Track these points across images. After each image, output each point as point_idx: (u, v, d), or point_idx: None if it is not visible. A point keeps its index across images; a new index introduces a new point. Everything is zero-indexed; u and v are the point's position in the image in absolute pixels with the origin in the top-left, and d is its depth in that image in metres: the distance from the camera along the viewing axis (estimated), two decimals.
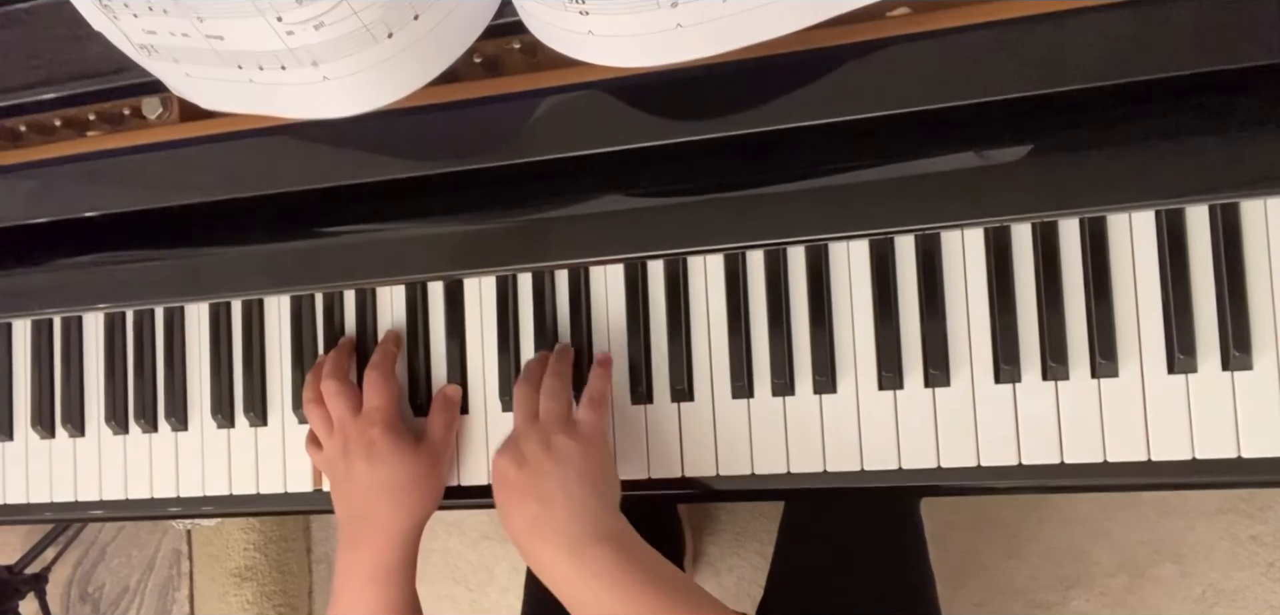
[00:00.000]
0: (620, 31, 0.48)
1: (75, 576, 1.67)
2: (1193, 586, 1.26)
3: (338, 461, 0.66)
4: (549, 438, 0.60)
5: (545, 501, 0.58)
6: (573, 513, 0.58)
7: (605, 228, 0.61)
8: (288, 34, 0.48)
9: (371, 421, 0.65)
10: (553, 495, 0.58)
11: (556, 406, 0.62)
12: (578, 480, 0.59)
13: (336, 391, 0.67)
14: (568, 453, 0.59)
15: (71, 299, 0.72)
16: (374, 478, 0.64)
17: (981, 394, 0.62)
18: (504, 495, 0.60)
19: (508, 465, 0.60)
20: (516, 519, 0.59)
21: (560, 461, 0.59)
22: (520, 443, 0.61)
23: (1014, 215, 0.58)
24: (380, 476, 0.64)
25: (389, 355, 0.69)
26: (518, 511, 0.59)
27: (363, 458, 0.65)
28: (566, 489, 0.58)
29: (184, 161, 0.62)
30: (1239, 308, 0.57)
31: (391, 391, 0.67)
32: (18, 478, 0.81)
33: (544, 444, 0.60)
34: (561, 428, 0.61)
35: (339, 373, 0.68)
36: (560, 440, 0.60)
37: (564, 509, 0.58)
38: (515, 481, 0.59)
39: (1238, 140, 0.53)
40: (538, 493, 0.58)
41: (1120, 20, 0.50)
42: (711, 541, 1.41)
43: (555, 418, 0.62)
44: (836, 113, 0.53)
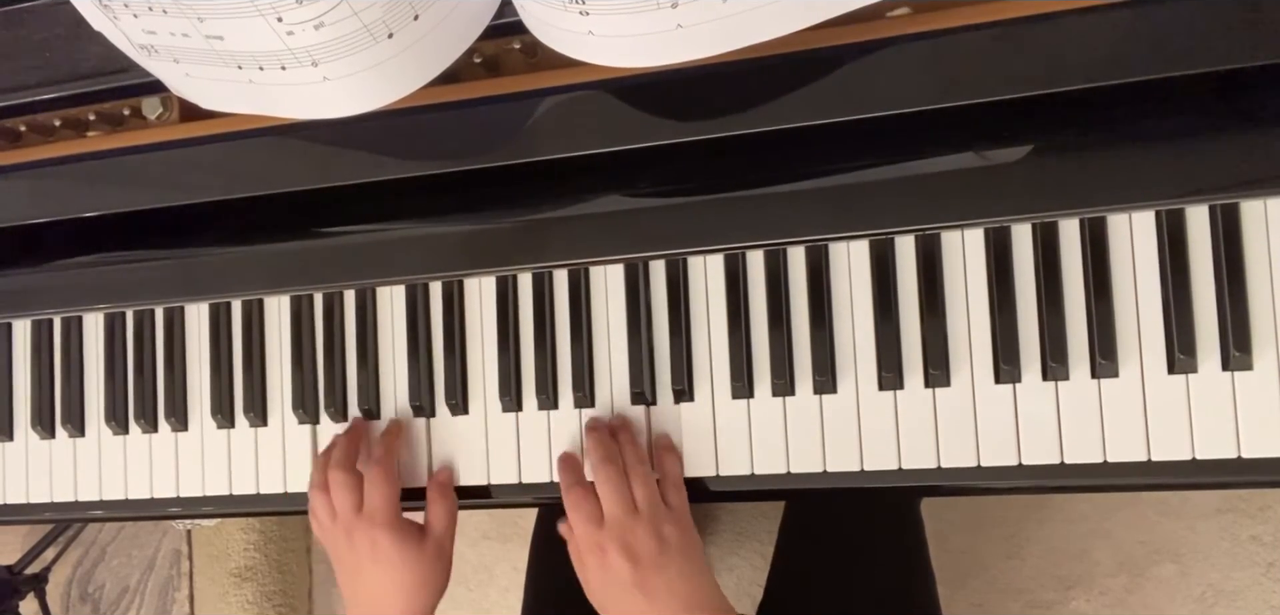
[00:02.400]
0: (620, 31, 0.48)
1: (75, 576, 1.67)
2: (1193, 586, 1.26)
3: (345, 555, 0.67)
4: (660, 530, 0.61)
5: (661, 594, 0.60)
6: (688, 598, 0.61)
7: (605, 228, 0.61)
8: (288, 34, 0.48)
9: (374, 522, 0.65)
10: (672, 586, 0.60)
11: (654, 494, 0.63)
12: (686, 564, 0.61)
13: (342, 484, 0.66)
14: (679, 544, 0.61)
15: (71, 299, 0.72)
16: (383, 579, 0.66)
17: (981, 394, 0.62)
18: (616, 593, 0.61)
19: (622, 562, 0.60)
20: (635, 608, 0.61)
21: (676, 553, 0.61)
22: (628, 537, 0.61)
23: (1014, 215, 0.58)
24: (389, 578, 0.65)
25: (391, 451, 0.69)
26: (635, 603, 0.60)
27: (370, 559, 0.66)
28: (682, 574, 0.61)
29: (184, 161, 0.62)
30: (1239, 308, 0.57)
31: (393, 491, 0.67)
32: (18, 478, 0.81)
33: (656, 538, 0.61)
34: (666, 518, 0.62)
35: (347, 464, 0.68)
36: (670, 532, 0.61)
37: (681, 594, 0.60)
38: (630, 581, 0.60)
39: (1238, 140, 0.53)
40: (654, 586, 0.60)
41: (1120, 20, 0.50)
42: (711, 541, 1.41)
43: (657, 507, 0.62)
44: (836, 113, 0.53)
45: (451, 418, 0.71)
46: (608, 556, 0.61)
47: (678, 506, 0.63)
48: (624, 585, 0.60)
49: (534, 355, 0.69)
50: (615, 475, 0.63)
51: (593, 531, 0.62)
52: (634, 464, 0.64)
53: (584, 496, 0.63)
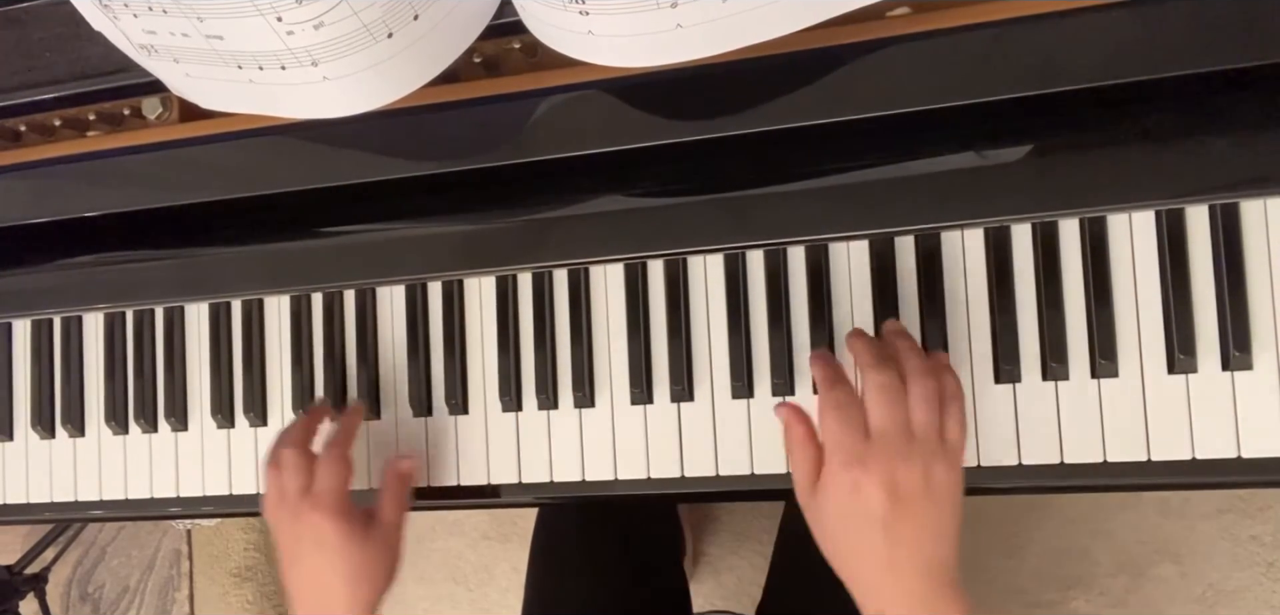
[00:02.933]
0: (620, 31, 0.48)
1: (75, 576, 1.67)
2: (1193, 586, 1.26)
3: (288, 539, 0.64)
4: (930, 468, 0.51)
5: (911, 543, 0.50)
6: (936, 561, 0.51)
7: (605, 228, 0.61)
8: (288, 34, 0.48)
9: (318, 505, 0.62)
10: (923, 538, 0.51)
11: (935, 420, 0.52)
12: (949, 523, 0.52)
13: (292, 464, 0.63)
14: (945, 492, 0.51)
15: (71, 299, 0.73)
16: (324, 566, 0.62)
17: (981, 394, 0.62)
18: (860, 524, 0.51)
19: (875, 488, 0.50)
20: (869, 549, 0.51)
21: (935, 501, 0.51)
22: (895, 466, 0.50)
23: (1014, 215, 0.58)
24: (331, 564, 0.62)
25: (349, 433, 0.66)
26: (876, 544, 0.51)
27: (312, 544, 0.62)
28: (937, 531, 0.51)
29: (184, 161, 0.62)
30: (1239, 308, 0.57)
31: (342, 474, 0.64)
32: (18, 478, 0.81)
33: (925, 476, 0.50)
34: (940, 456, 0.51)
35: (300, 443, 0.65)
36: (942, 474, 0.51)
37: (930, 555, 0.51)
38: (883, 514, 0.50)
39: (1238, 140, 0.53)
40: (908, 536, 0.50)
41: (1120, 20, 0.50)
42: (711, 541, 1.41)
43: (936, 437, 0.52)
44: (836, 113, 0.53)
45: (451, 418, 0.71)
46: (862, 482, 0.50)
47: (954, 442, 0.53)
48: (869, 520, 0.50)
49: (534, 355, 0.69)
50: (893, 384, 0.52)
51: (856, 444, 0.51)
52: (918, 375, 0.53)
53: (851, 398, 0.53)
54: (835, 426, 0.53)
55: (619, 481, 0.67)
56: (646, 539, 0.94)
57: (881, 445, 0.51)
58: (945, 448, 0.52)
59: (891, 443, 0.51)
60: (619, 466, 0.67)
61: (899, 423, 0.52)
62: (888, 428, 0.52)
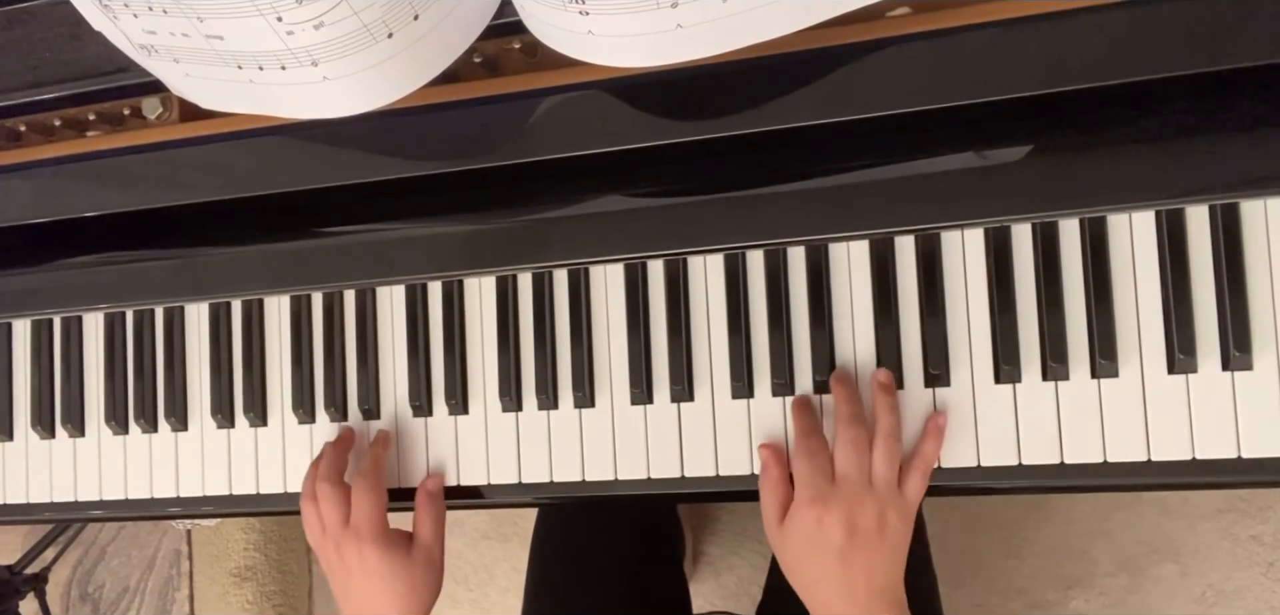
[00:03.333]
0: (620, 31, 0.48)
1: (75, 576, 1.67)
2: (1193, 586, 1.26)
3: (336, 566, 0.68)
4: (885, 513, 0.58)
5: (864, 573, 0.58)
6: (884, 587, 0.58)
7: (605, 228, 0.61)
8: (288, 34, 0.48)
9: (360, 536, 0.65)
10: (874, 569, 0.58)
11: (892, 474, 0.60)
12: (896, 557, 0.59)
13: (329, 497, 0.67)
14: (896, 535, 0.59)
15: (71, 299, 0.72)
16: (371, 590, 0.66)
17: (981, 394, 0.62)
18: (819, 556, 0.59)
19: (835, 525, 0.58)
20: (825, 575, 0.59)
21: (889, 542, 0.59)
22: (854, 508, 0.58)
23: (1014, 215, 0.58)
24: (377, 589, 0.66)
25: (378, 463, 0.69)
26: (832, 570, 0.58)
27: (359, 572, 0.66)
28: (888, 564, 0.59)
29: (184, 161, 0.62)
30: (1239, 308, 0.57)
31: (379, 504, 0.67)
32: (18, 478, 0.81)
33: (879, 519, 0.58)
34: (896, 505, 0.59)
35: (334, 477, 0.68)
36: (894, 521, 0.59)
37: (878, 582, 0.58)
38: (840, 548, 0.58)
39: (1238, 140, 0.53)
40: (861, 564, 0.58)
41: (1120, 20, 0.50)
42: (711, 541, 1.41)
43: (891, 488, 0.59)
44: (836, 113, 0.53)
45: (451, 418, 0.71)
46: (825, 518, 0.58)
47: (912, 496, 0.60)
48: (827, 551, 0.58)
49: (534, 355, 0.69)
50: (860, 439, 0.60)
51: (820, 486, 0.59)
52: (884, 435, 0.60)
53: (821, 447, 0.61)
54: (805, 468, 0.60)
55: (619, 481, 0.67)
56: (646, 539, 0.94)
57: (844, 489, 0.59)
58: (901, 499, 0.60)
59: (853, 488, 0.59)
60: (619, 466, 0.67)
61: (862, 472, 0.59)
62: (851, 474, 0.59)
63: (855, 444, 0.60)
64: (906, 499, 0.60)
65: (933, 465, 0.61)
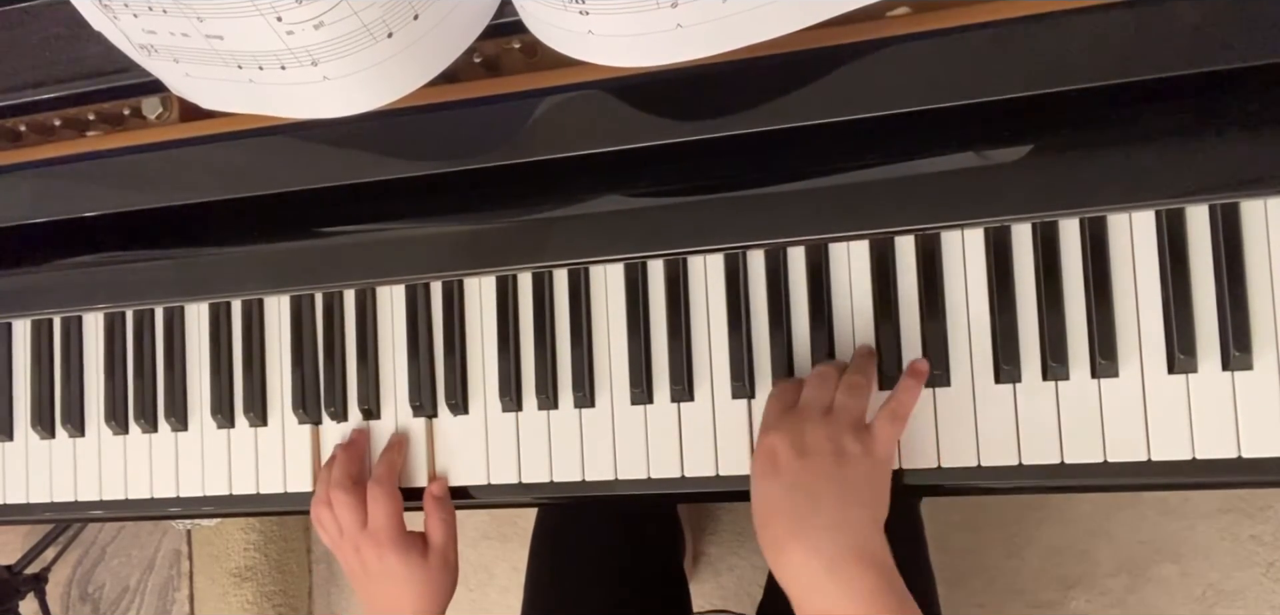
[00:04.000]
0: (620, 31, 0.48)
1: (75, 576, 1.66)
2: (1193, 586, 1.26)
3: (356, 570, 0.69)
4: (841, 437, 0.55)
5: (816, 500, 0.54)
6: (843, 524, 0.53)
7: (605, 228, 0.61)
8: (288, 34, 0.48)
9: (380, 541, 0.67)
10: (826, 498, 0.54)
11: (854, 405, 0.57)
12: (856, 492, 0.55)
13: (345, 503, 0.68)
14: (855, 461, 0.55)
15: (71, 299, 0.72)
16: (392, 591, 0.68)
17: (981, 394, 0.62)
18: (769, 477, 0.56)
19: (785, 448, 0.55)
20: (776, 507, 0.55)
21: (845, 466, 0.55)
22: (805, 428, 0.55)
23: (1014, 215, 0.58)
24: (397, 590, 0.67)
25: (392, 468, 0.70)
26: (781, 501, 0.55)
27: (379, 574, 0.68)
28: (842, 497, 0.54)
29: (184, 161, 0.62)
30: (1239, 308, 0.57)
31: (395, 508, 0.68)
32: (18, 478, 0.81)
33: (834, 442, 0.55)
34: (855, 431, 0.56)
35: (347, 483, 0.69)
36: (851, 445, 0.55)
37: (835, 516, 0.53)
38: (789, 469, 0.54)
39: (1238, 140, 0.53)
40: (810, 489, 0.54)
41: (1120, 20, 0.50)
42: (711, 541, 1.41)
43: (851, 417, 0.57)
44: (836, 113, 0.53)
45: (452, 418, 0.71)
46: (776, 443, 0.55)
47: (879, 435, 0.56)
48: (775, 475, 0.55)
49: (534, 355, 0.69)
50: (826, 374, 0.59)
51: (777, 417, 0.57)
52: (852, 371, 0.58)
53: (787, 388, 0.60)
54: (768, 406, 0.60)
55: (619, 481, 0.67)
56: (646, 539, 0.94)
57: (798, 414, 0.57)
58: (865, 432, 0.57)
59: (808, 413, 0.57)
60: (619, 466, 0.67)
61: (822, 401, 0.58)
62: (809, 400, 0.58)
63: (819, 378, 0.58)
64: (872, 434, 0.57)
65: (907, 411, 0.58)
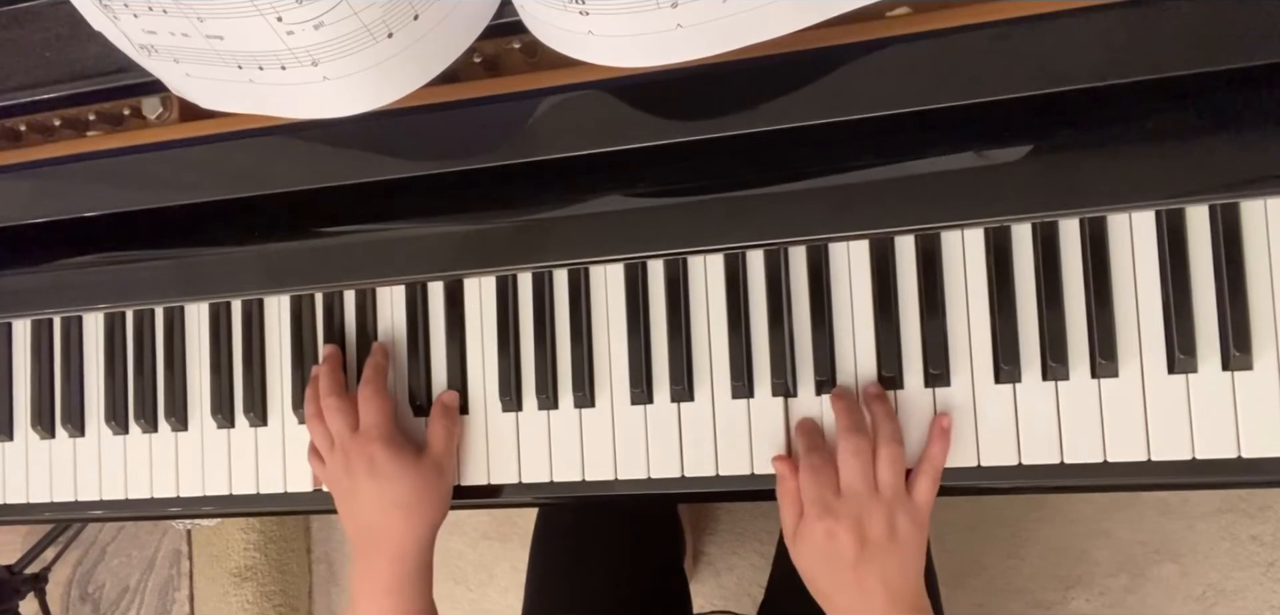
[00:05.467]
0: (620, 31, 0.48)
1: (75, 576, 1.66)
2: (1193, 586, 1.26)
3: (342, 479, 0.67)
4: (894, 519, 0.59)
5: (879, 579, 0.58)
6: (903, 592, 0.58)
7: (605, 228, 0.61)
8: (288, 34, 0.48)
9: (370, 438, 0.65)
10: (890, 576, 0.58)
11: (898, 480, 0.60)
12: (914, 561, 0.59)
13: (336, 408, 0.67)
14: (908, 539, 0.59)
15: (71, 299, 0.72)
16: (381, 494, 0.65)
17: (981, 394, 0.62)
18: (833, 565, 0.59)
19: (847, 538, 0.58)
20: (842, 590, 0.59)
21: (902, 546, 0.59)
22: (862, 517, 0.58)
23: (1014, 215, 0.58)
24: (386, 493, 0.65)
25: (379, 369, 0.70)
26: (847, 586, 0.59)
27: (366, 475, 0.65)
28: (904, 570, 0.58)
29: (184, 161, 0.62)
30: (1239, 308, 0.57)
31: (386, 406, 0.67)
32: (18, 478, 0.81)
33: (889, 525, 0.58)
34: (904, 508, 0.59)
35: (337, 388, 0.68)
36: (904, 525, 0.59)
37: (895, 585, 0.58)
38: (852, 557, 0.58)
39: (1238, 140, 0.53)
40: (872, 571, 0.58)
41: (1121, 20, 0.50)
42: (711, 541, 1.41)
43: (898, 494, 0.59)
44: (836, 113, 0.53)
45: None
46: (835, 530, 0.58)
47: (922, 500, 0.60)
48: (841, 562, 0.58)
49: (534, 355, 0.69)
50: (863, 448, 0.60)
51: (827, 500, 0.59)
52: (886, 441, 0.60)
53: (825, 462, 0.61)
54: (811, 485, 0.60)
55: (619, 481, 0.67)
56: (646, 539, 0.94)
57: (851, 500, 0.59)
58: (910, 503, 0.60)
59: (860, 498, 0.59)
60: (619, 466, 0.67)
61: (867, 481, 0.60)
62: (856, 484, 0.59)
63: (857, 454, 0.60)
64: (916, 503, 0.60)
65: (941, 467, 0.61)
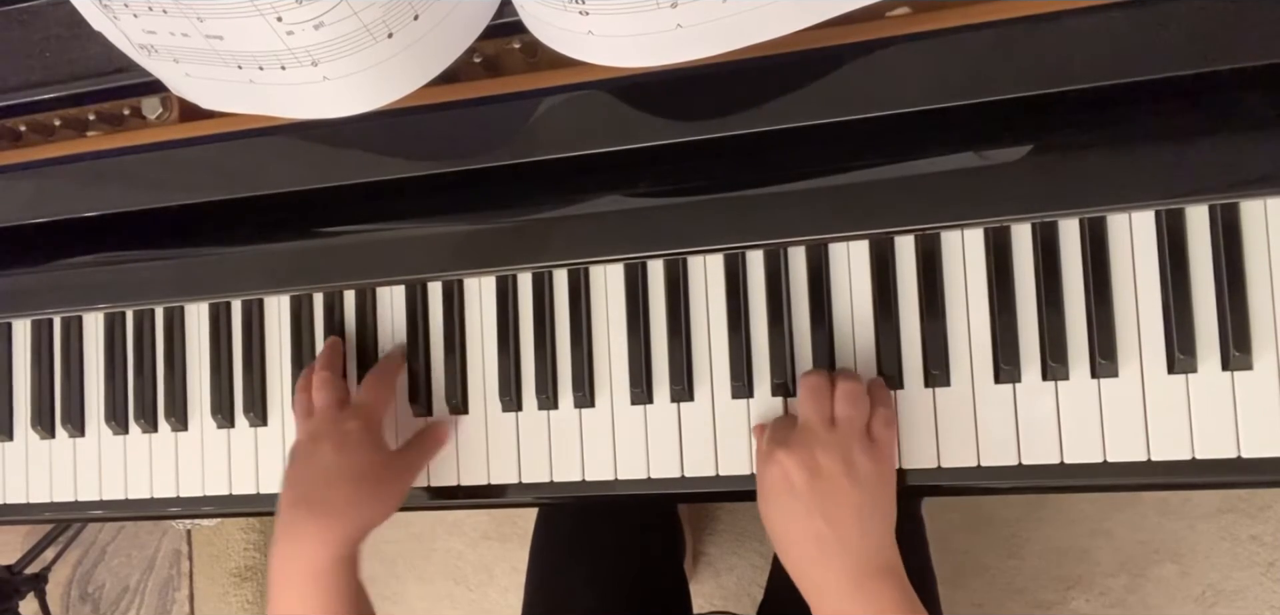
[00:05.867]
0: (620, 31, 0.48)
1: (75, 576, 1.67)
2: (1193, 586, 1.26)
3: (304, 443, 0.64)
4: (850, 453, 0.56)
5: (834, 522, 0.55)
6: (862, 539, 0.55)
7: (605, 228, 0.61)
8: (288, 34, 0.48)
9: (354, 414, 0.64)
10: (844, 517, 0.55)
11: (858, 416, 0.58)
12: (872, 506, 0.56)
13: (326, 382, 0.66)
14: (866, 476, 0.56)
15: (71, 299, 0.72)
16: (337, 464, 0.62)
17: (981, 394, 0.62)
18: (785, 502, 0.56)
19: (797, 471, 0.55)
20: (796, 532, 0.56)
21: (857, 483, 0.56)
22: (815, 449, 0.56)
23: (1014, 215, 0.58)
24: (344, 464, 0.62)
25: (393, 365, 0.70)
26: (799, 525, 0.56)
27: (332, 444, 0.63)
28: (860, 514, 0.55)
29: (184, 161, 0.62)
30: (1239, 308, 0.57)
31: (384, 396, 0.67)
32: (18, 478, 0.81)
33: (845, 459, 0.56)
34: (861, 444, 0.57)
35: (332, 365, 0.69)
36: (861, 460, 0.56)
37: (854, 533, 0.55)
38: (804, 492, 0.55)
39: (1238, 140, 0.53)
40: (826, 511, 0.55)
41: (1120, 20, 0.50)
42: (711, 541, 1.41)
43: (856, 430, 0.57)
44: (836, 113, 0.53)
45: (451, 418, 0.71)
46: (785, 461, 0.56)
47: (882, 441, 0.58)
48: (791, 497, 0.56)
49: (534, 355, 0.69)
50: (820, 386, 0.59)
51: (782, 433, 0.58)
52: (844, 380, 0.59)
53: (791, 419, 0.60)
54: (771, 427, 0.61)
55: (619, 481, 0.67)
56: (646, 539, 0.94)
57: (804, 432, 0.58)
58: (871, 442, 0.58)
59: (814, 431, 0.57)
60: (619, 466, 0.67)
61: (822, 415, 0.58)
62: (811, 418, 0.58)
63: (814, 390, 0.58)
64: (876, 442, 0.58)
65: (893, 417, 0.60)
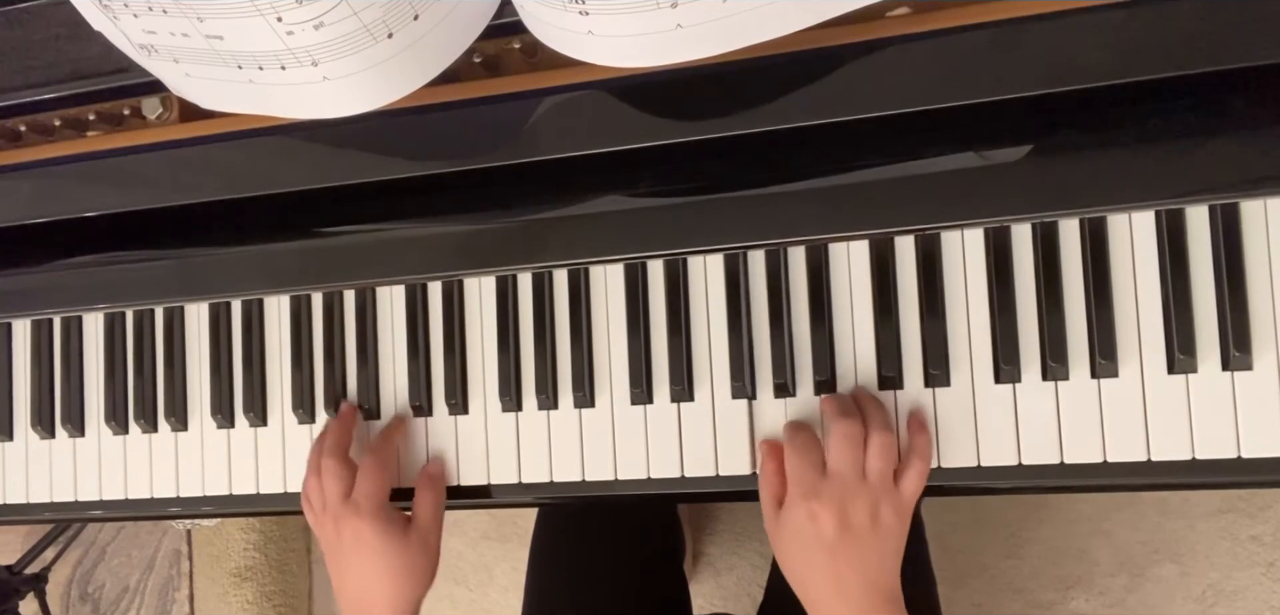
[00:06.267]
0: (620, 31, 0.48)
1: (75, 576, 1.67)
2: (1193, 586, 1.26)
3: (333, 543, 0.67)
4: (878, 508, 0.58)
5: (856, 568, 0.57)
6: (878, 584, 0.57)
7: (605, 228, 0.61)
8: (288, 34, 0.48)
9: (359, 511, 0.65)
10: (868, 562, 0.57)
11: (887, 469, 0.59)
12: (892, 553, 0.58)
13: (333, 472, 0.67)
14: (890, 531, 0.58)
15: (71, 299, 0.72)
16: (367, 568, 0.66)
17: (981, 394, 0.62)
18: (812, 552, 0.58)
19: (828, 519, 0.57)
20: (819, 578, 0.58)
21: (883, 538, 0.58)
22: (847, 503, 0.57)
23: (1014, 215, 0.58)
24: (373, 566, 0.66)
25: (390, 442, 0.70)
26: (824, 573, 0.58)
27: (354, 548, 0.66)
28: (881, 558, 0.58)
29: (184, 161, 0.62)
30: (1239, 308, 0.57)
31: (383, 480, 0.67)
32: (18, 478, 0.81)
33: (872, 513, 0.57)
34: (889, 498, 0.58)
35: (340, 450, 0.68)
36: (888, 515, 0.58)
37: (874, 575, 0.57)
38: (833, 543, 0.57)
39: (1238, 140, 0.53)
40: (851, 559, 0.57)
41: (1120, 20, 0.50)
42: (711, 541, 1.41)
43: (885, 483, 0.59)
44: (836, 113, 0.53)
45: (451, 418, 0.71)
46: (818, 511, 0.57)
47: (908, 493, 0.59)
48: (819, 546, 0.57)
49: (534, 355, 0.69)
50: (855, 433, 0.59)
51: (812, 480, 0.58)
52: (878, 429, 0.59)
53: (812, 442, 0.60)
54: (796, 463, 0.59)
55: (619, 481, 0.67)
56: (646, 539, 0.94)
57: (836, 483, 0.58)
58: (897, 494, 0.59)
59: (845, 482, 0.58)
60: (619, 467, 0.67)
61: (855, 466, 0.58)
62: (844, 469, 0.58)
63: (848, 438, 0.59)
64: (902, 495, 0.59)
65: (928, 458, 0.61)
